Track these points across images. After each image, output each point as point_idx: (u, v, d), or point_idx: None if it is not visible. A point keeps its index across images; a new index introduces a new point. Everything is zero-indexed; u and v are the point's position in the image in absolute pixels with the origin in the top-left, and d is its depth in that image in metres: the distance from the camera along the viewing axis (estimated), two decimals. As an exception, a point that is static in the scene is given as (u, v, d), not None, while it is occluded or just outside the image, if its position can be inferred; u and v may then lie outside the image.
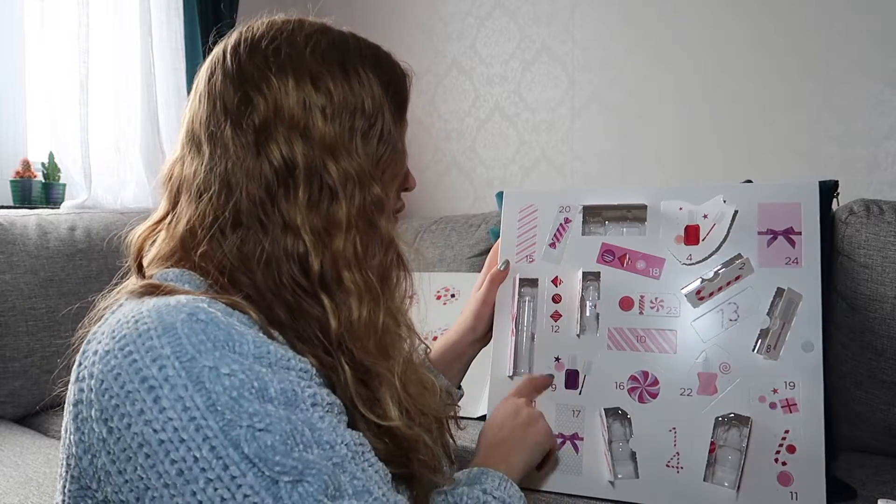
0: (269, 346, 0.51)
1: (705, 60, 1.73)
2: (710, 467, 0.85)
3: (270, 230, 0.57)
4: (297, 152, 0.58)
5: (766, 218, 0.90)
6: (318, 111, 0.59)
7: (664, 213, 0.95)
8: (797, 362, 0.84)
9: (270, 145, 0.58)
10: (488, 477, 0.68)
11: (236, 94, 0.59)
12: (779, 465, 0.82)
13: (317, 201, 0.58)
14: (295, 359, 0.52)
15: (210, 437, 0.46)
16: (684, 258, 0.92)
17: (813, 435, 0.82)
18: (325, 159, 0.58)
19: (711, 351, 0.88)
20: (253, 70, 0.60)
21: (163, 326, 0.48)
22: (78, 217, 1.58)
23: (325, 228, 0.58)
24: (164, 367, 0.47)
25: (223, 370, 0.47)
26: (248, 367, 0.48)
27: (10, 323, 1.37)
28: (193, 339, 0.48)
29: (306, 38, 0.62)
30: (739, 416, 0.85)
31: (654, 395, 0.89)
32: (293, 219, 0.57)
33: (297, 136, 0.58)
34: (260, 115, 0.58)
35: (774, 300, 0.87)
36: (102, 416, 0.48)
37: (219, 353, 0.48)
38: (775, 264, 0.88)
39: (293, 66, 0.60)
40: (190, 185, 0.60)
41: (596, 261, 0.96)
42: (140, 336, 0.48)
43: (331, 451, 0.49)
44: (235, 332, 0.50)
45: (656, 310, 0.92)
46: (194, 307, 0.50)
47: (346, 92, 0.61)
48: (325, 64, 0.61)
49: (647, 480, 0.86)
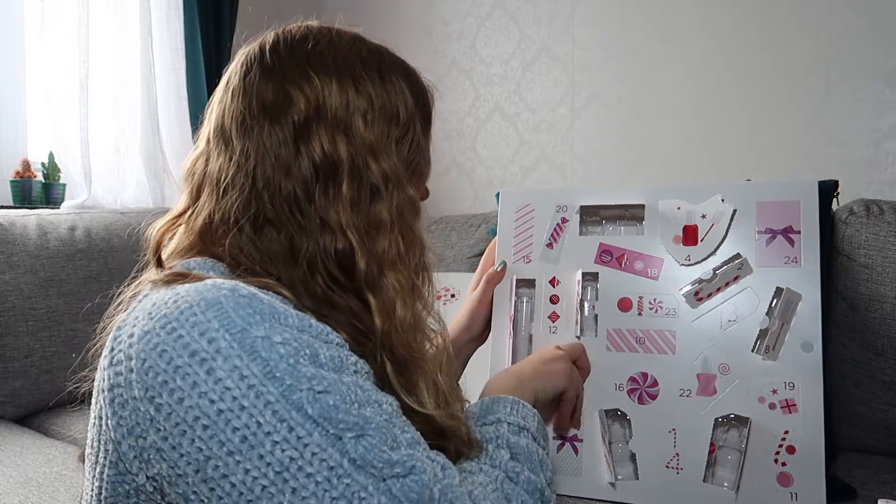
0: (310, 320, 0.52)
1: (705, 60, 1.73)
2: (710, 468, 0.84)
3: (306, 227, 0.58)
4: (340, 149, 0.58)
5: (765, 217, 0.90)
6: (360, 114, 0.60)
7: (662, 213, 0.94)
8: (796, 362, 0.84)
9: (312, 142, 0.58)
10: (499, 404, 0.67)
11: (275, 91, 0.59)
12: (778, 466, 0.82)
13: (359, 200, 0.59)
14: (332, 333, 0.54)
15: (272, 401, 0.46)
16: (683, 259, 0.92)
17: (813, 435, 0.82)
18: (368, 158, 0.59)
19: (710, 352, 0.88)
20: (294, 68, 0.60)
21: (206, 302, 0.49)
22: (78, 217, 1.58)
23: (368, 228, 0.59)
24: (215, 340, 0.47)
25: (276, 339, 0.48)
26: (297, 336, 0.49)
27: (10, 323, 1.37)
28: (241, 312, 0.48)
29: (348, 44, 0.63)
30: (739, 416, 0.85)
31: (654, 397, 0.89)
32: (334, 217, 0.58)
33: (340, 134, 0.59)
34: (300, 112, 0.58)
35: (773, 300, 0.87)
36: (147, 394, 0.48)
37: (267, 324, 0.49)
38: (774, 264, 0.88)
39: (336, 69, 0.61)
40: (214, 180, 0.60)
41: (594, 261, 0.96)
42: (182, 313, 0.48)
43: (379, 409, 0.51)
44: (279, 306, 0.51)
45: (655, 311, 0.91)
46: (234, 284, 0.51)
47: (384, 98, 0.62)
48: (365, 70, 0.62)
49: (647, 481, 0.86)
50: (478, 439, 0.64)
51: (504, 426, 0.64)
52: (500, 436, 0.63)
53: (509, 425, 0.65)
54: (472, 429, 0.64)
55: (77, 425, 1.35)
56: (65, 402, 1.40)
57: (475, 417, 0.66)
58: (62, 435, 1.34)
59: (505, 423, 0.65)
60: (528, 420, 0.67)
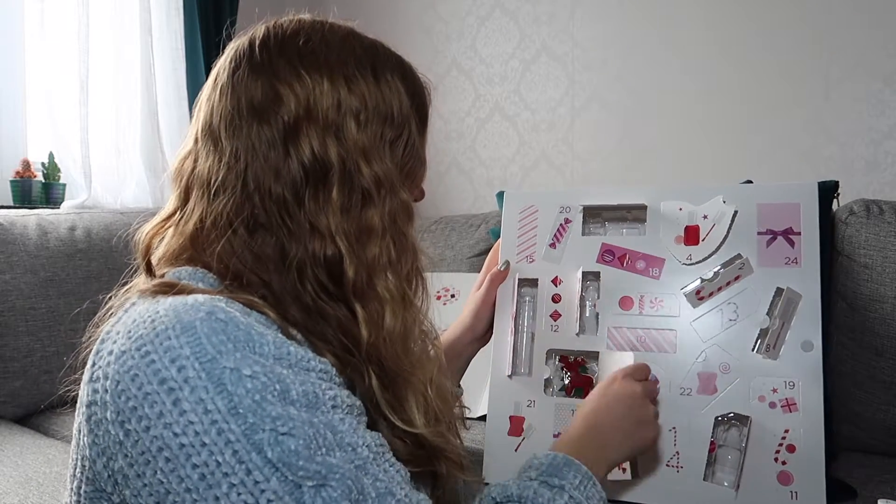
0: (289, 346, 0.50)
1: (705, 60, 1.73)
2: (710, 467, 0.85)
3: (295, 232, 0.56)
4: (330, 152, 0.56)
5: (766, 218, 0.90)
6: (352, 115, 0.58)
7: (664, 214, 0.95)
8: (797, 362, 0.84)
9: (301, 143, 0.56)
10: (571, 470, 0.61)
11: (265, 89, 0.57)
12: (778, 465, 0.82)
13: (349, 205, 0.57)
14: (315, 359, 0.51)
15: (232, 440, 0.45)
16: (684, 258, 0.92)
17: (813, 434, 0.82)
18: (359, 162, 0.57)
19: (711, 351, 0.88)
20: (284, 65, 0.58)
21: (181, 325, 0.47)
22: (78, 217, 1.58)
23: (358, 234, 0.57)
24: (184, 368, 0.46)
25: (245, 371, 0.46)
26: (269, 368, 0.47)
27: (10, 323, 1.37)
28: (213, 339, 0.47)
29: (341, 41, 0.61)
30: (739, 415, 0.85)
31: (654, 395, 0.89)
32: (323, 222, 0.56)
33: (331, 136, 0.56)
34: (290, 112, 0.56)
35: (774, 300, 0.87)
36: (119, 418, 0.47)
37: (239, 353, 0.47)
38: (775, 264, 0.88)
39: (328, 67, 0.58)
40: (204, 182, 0.58)
41: (596, 261, 0.96)
42: (157, 336, 0.47)
43: (353, 454, 0.48)
44: (255, 333, 0.48)
45: (656, 310, 0.92)
46: (212, 306, 0.49)
47: (378, 98, 0.59)
48: (358, 68, 0.59)
49: (648, 480, 0.86)
50: (469, 465, 0.62)
51: (565, 498, 0.59)
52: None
53: (570, 498, 0.59)
54: (525, 481, 0.60)
55: (77, 425, 1.35)
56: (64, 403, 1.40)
57: (538, 469, 0.62)
58: (62, 435, 1.34)
59: (567, 495, 0.59)
60: (592, 502, 0.61)
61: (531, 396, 0.94)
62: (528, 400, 0.94)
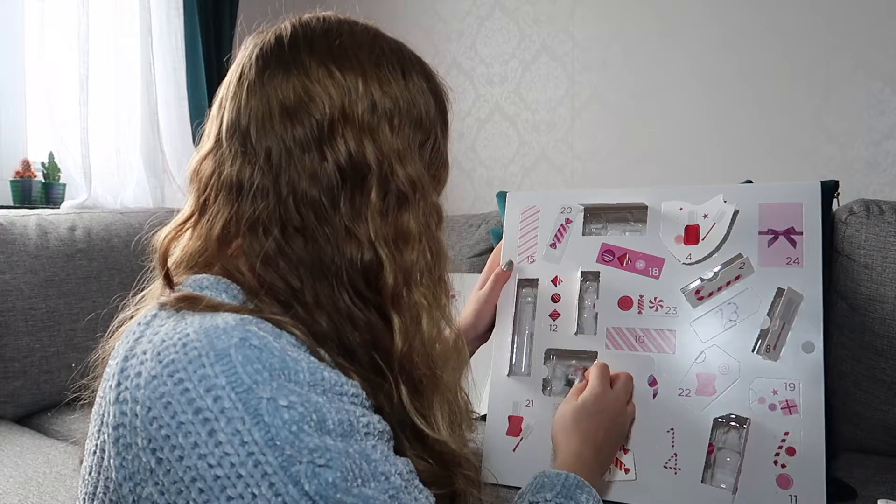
0: (323, 371, 0.49)
1: (705, 60, 1.73)
2: (709, 469, 0.84)
3: (332, 237, 0.54)
4: (368, 154, 0.55)
5: (767, 218, 0.90)
6: (386, 117, 0.56)
7: (664, 214, 0.94)
8: (797, 363, 0.84)
9: (337, 146, 0.54)
10: (584, 493, 0.64)
11: (297, 89, 0.55)
12: (778, 468, 0.82)
13: (387, 209, 0.56)
14: (347, 383, 0.50)
15: (269, 473, 0.44)
16: (684, 258, 0.92)
17: (813, 437, 0.81)
18: (395, 164, 0.56)
19: (710, 351, 0.88)
20: (317, 65, 0.56)
21: (215, 353, 0.46)
22: (78, 217, 1.58)
23: (396, 239, 0.56)
24: (220, 399, 0.45)
25: (282, 402, 0.45)
26: (305, 397, 0.46)
27: (10, 323, 1.37)
28: (249, 368, 0.46)
29: (371, 40, 0.59)
30: (738, 417, 0.85)
31: (653, 396, 0.88)
32: (361, 226, 0.54)
33: (367, 137, 0.55)
34: (324, 113, 0.54)
35: (775, 300, 0.87)
36: (150, 445, 0.46)
37: (276, 382, 0.46)
38: (776, 264, 0.88)
39: (361, 67, 0.57)
40: (232, 185, 0.56)
41: (596, 260, 0.96)
42: (191, 362, 0.46)
43: (386, 483, 0.48)
44: (290, 359, 0.47)
45: (655, 309, 0.91)
46: (245, 331, 0.47)
47: (409, 101, 0.58)
48: (390, 69, 0.58)
49: (645, 481, 0.86)
50: (481, 482, 0.63)
51: None
52: None
53: None
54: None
55: (77, 426, 1.35)
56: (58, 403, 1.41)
57: (552, 489, 0.63)
58: (62, 435, 1.34)
59: None
60: None
61: (529, 396, 0.94)
62: (526, 400, 0.93)
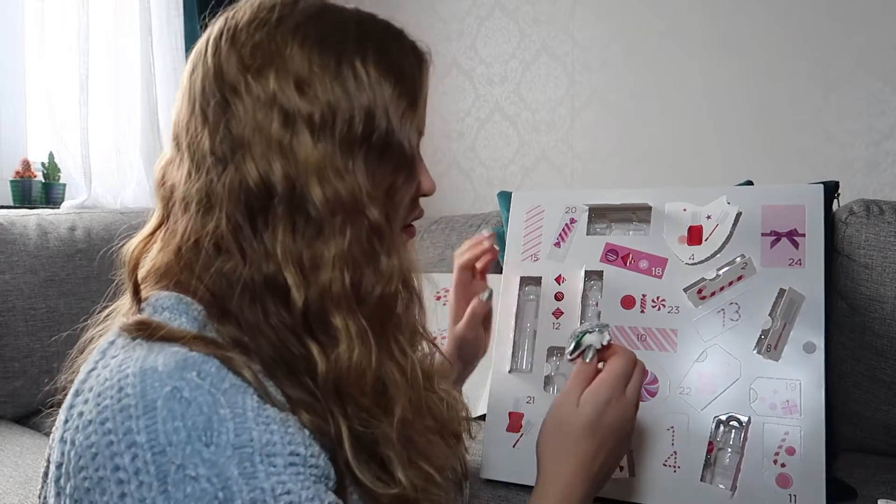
0: (253, 431, 0.45)
1: (705, 60, 1.73)
2: (708, 468, 0.84)
3: (250, 257, 0.51)
4: (275, 173, 0.50)
5: (770, 220, 0.90)
6: (304, 122, 0.50)
7: (668, 214, 0.95)
8: (798, 363, 0.84)
9: (247, 162, 0.50)
10: None
11: (214, 97, 0.52)
12: (777, 467, 0.82)
13: (298, 230, 0.51)
14: (282, 441, 0.46)
15: None
16: (687, 258, 0.92)
17: (813, 437, 0.81)
18: (310, 182, 0.50)
19: (712, 350, 0.88)
20: (231, 69, 0.52)
21: (143, 404, 0.44)
22: (78, 217, 1.57)
23: (312, 260, 0.51)
24: (136, 458, 0.43)
25: (189, 472, 0.43)
26: (218, 469, 0.43)
27: (10, 323, 1.37)
28: (169, 426, 0.43)
29: (295, 29, 0.52)
30: (738, 416, 0.85)
31: (653, 394, 0.89)
32: (273, 247, 0.50)
33: (276, 153, 0.50)
34: (238, 124, 0.51)
35: (776, 301, 0.87)
36: (74, 495, 0.45)
37: (191, 447, 0.43)
38: (778, 265, 0.88)
39: (276, 66, 0.51)
40: (179, 194, 0.54)
41: (599, 260, 0.96)
42: (121, 411, 0.44)
43: None
44: (217, 418, 0.44)
45: (658, 308, 0.92)
46: (180, 379, 0.45)
47: (339, 95, 0.51)
48: (315, 62, 0.52)
49: (644, 479, 0.86)
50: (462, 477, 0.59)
51: None
52: None
53: None
54: None
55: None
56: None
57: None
58: (62, 435, 1.34)
59: None
60: None
61: (531, 393, 0.94)
62: (527, 396, 0.94)
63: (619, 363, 0.66)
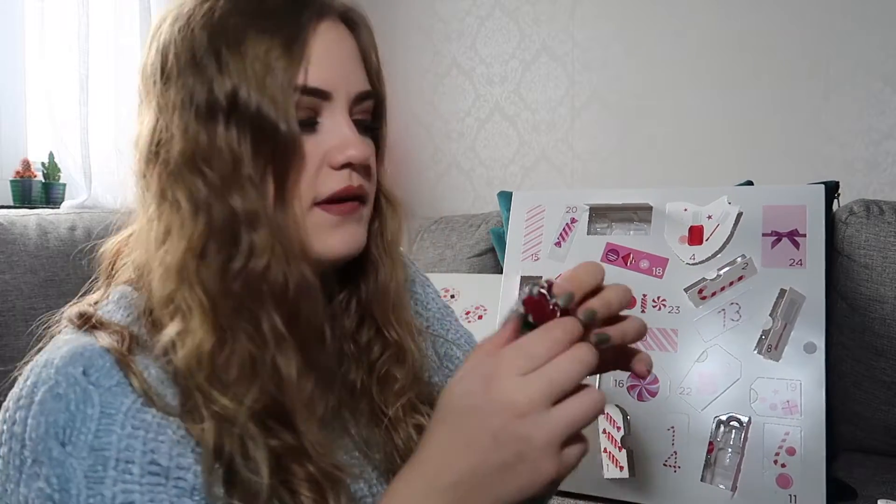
0: (115, 435, 0.44)
1: (705, 60, 1.73)
2: (708, 468, 0.85)
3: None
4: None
5: (771, 220, 0.90)
6: (159, 71, 0.54)
7: (669, 214, 0.95)
8: (799, 363, 0.84)
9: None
10: None
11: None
12: (778, 467, 0.82)
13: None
14: (144, 448, 0.44)
15: None
16: (688, 258, 0.92)
17: (813, 437, 0.82)
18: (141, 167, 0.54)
19: (712, 350, 0.88)
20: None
21: (27, 395, 0.46)
22: (78, 217, 1.57)
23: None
24: (10, 448, 0.45)
25: (36, 469, 0.43)
26: (62, 470, 0.43)
27: (10, 323, 1.37)
28: (35, 421, 0.44)
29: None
30: (739, 416, 0.85)
31: (654, 394, 0.89)
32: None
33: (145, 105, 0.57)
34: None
35: (777, 301, 0.87)
36: None
37: (43, 445, 0.43)
38: (779, 265, 0.88)
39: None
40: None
41: (600, 259, 0.96)
42: (14, 401, 0.47)
43: None
44: (81, 417, 0.44)
45: (658, 308, 0.92)
46: (63, 373, 0.45)
47: (172, 37, 0.52)
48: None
49: (644, 479, 0.86)
50: None
51: None
52: None
53: None
54: None
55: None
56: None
57: None
58: (62, 435, 1.34)
59: None
60: None
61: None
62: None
63: (542, 333, 0.42)
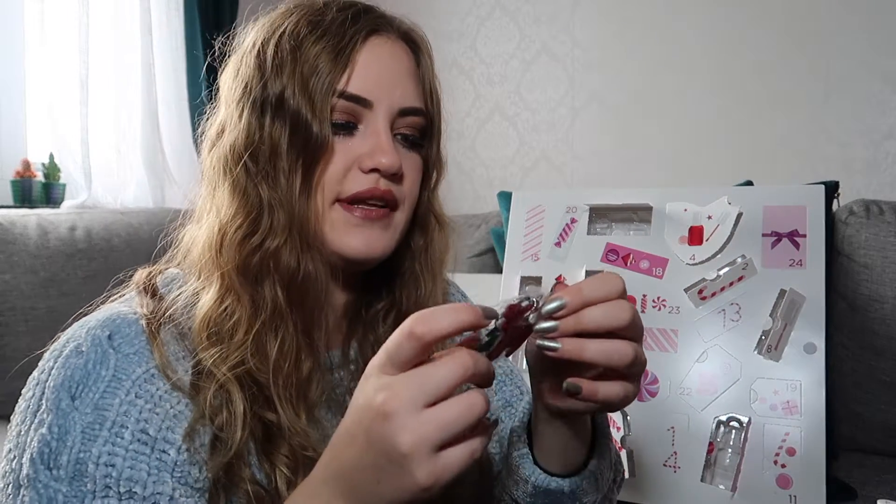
0: (118, 398, 0.48)
1: (705, 60, 1.73)
2: (709, 468, 0.84)
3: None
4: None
5: (771, 220, 0.90)
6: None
7: (669, 215, 0.95)
8: (799, 363, 0.84)
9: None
10: None
11: None
12: (778, 468, 0.82)
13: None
14: (138, 416, 0.48)
15: (7, 472, 0.49)
16: (688, 258, 0.92)
17: (813, 437, 0.81)
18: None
19: (713, 351, 0.88)
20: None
21: (60, 349, 0.50)
22: (78, 217, 1.57)
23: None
24: (34, 393, 0.50)
25: (44, 416, 0.48)
26: (64, 421, 0.47)
27: (10, 323, 1.37)
28: (56, 373, 0.49)
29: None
30: (739, 417, 0.85)
31: (654, 394, 0.89)
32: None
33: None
34: None
35: (777, 301, 0.87)
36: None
37: (57, 394, 0.48)
38: (779, 266, 0.88)
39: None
40: None
41: (600, 260, 0.96)
42: (50, 352, 0.51)
43: None
44: (94, 376, 0.48)
45: (658, 309, 0.92)
46: (91, 335, 0.50)
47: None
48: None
49: (644, 479, 0.86)
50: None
51: None
52: None
53: None
54: None
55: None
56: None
57: None
58: (62, 435, 1.34)
59: None
60: None
61: (531, 396, 0.93)
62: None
63: (442, 366, 0.39)
